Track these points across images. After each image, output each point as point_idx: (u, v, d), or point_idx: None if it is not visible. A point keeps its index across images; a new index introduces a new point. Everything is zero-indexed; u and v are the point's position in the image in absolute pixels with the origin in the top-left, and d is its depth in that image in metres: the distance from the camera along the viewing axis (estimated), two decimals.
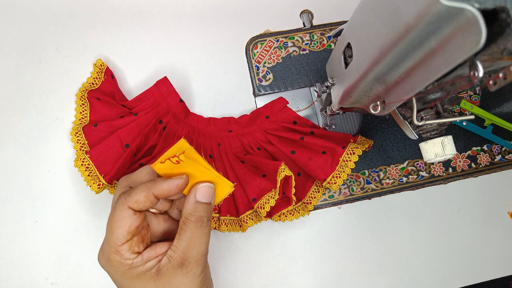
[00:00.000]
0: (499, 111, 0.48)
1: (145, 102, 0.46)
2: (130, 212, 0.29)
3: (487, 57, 0.19)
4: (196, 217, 0.30)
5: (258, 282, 0.44)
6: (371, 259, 0.45)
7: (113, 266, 0.30)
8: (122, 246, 0.29)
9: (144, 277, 0.30)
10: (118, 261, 0.30)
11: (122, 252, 0.29)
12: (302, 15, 0.50)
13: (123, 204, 0.29)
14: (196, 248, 0.30)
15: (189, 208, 0.30)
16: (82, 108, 0.45)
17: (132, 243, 0.30)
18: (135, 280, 0.30)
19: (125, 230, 0.29)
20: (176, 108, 0.46)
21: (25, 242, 0.44)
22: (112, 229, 0.30)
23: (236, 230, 0.43)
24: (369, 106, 0.30)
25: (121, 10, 0.51)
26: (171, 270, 0.30)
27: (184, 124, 0.46)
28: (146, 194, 0.29)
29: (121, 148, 0.42)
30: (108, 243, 0.30)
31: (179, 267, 0.30)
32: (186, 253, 0.30)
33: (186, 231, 0.30)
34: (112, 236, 0.29)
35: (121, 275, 0.30)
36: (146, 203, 0.29)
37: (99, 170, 0.41)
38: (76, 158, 0.41)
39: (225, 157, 0.45)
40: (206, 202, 0.31)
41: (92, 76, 0.47)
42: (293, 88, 0.48)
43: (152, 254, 0.30)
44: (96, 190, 0.40)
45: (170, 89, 0.46)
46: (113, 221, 0.30)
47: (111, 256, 0.30)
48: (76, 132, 0.44)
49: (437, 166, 0.47)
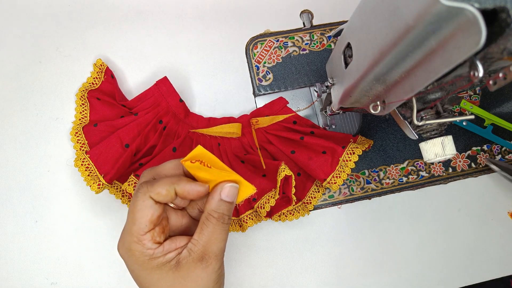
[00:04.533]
0: (499, 111, 0.48)
1: (145, 102, 0.46)
2: (152, 202, 0.30)
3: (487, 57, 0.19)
4: (218, 214, 0.31)
5: (258, 282, 0.44)
6: (371, 259, 0.45)
7: (134, 256, 0.30)
8: (144, 236, 0.30)
9: (163, 268, 0.30)
10: (140, 250, 0.30)
11: (144, 241, 0.30)
12: (302, 15, 0.50)
13: (144, 193, 0.30)
14: (216, 244, 0.31)
15: (213, 204, 0.31)
16: (82, 108, 0.45)
17: (154, 233, 0.30)
18: (154, 271, 0.30)
19: (147, 220, 0.30)
20: (176, 108, 0.46)
21: (25, 242, 0.44)
22: (134, 219, 0.30)
23: (236, 230, 0.43)
24: (369, 106, 0.30)
25: (121, 10, 0.51)
26: (191, 263, 0.30)
27: (184, 124, 0.46)
28: (169, 188, 0.30)
29: (121, 148, 0.42)
30: (130, 232, 0.30)
31: (199, 261, 0.30)
32: (207, 248, 0.30)
33: (209, 226, 0.31)
34: (135, 225, 0.30)
35: (141, 265, 0.30)
36: (167, 197, 0.30)
37: (99, 170, 0.41)
38: (76, 158, 0.42)
39: (225, 157, 0.45)
40: (230, 201, 0.31)
41: (92, 76, 0.47)
42: (293, 88, 0.48)
43: (172, 246, 0.31)
44: (96, 190, 0.40)
45: (170, 89, 0.46)
46: (135, 211, 0.30)
47: (132, 246, 0.30)
48: (76, 132, 0.44)
49: (437, 166, 0.47)
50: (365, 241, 0.46)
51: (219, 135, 0.45)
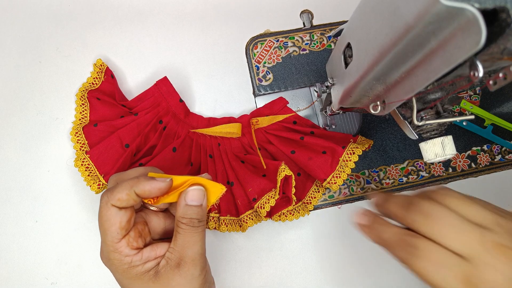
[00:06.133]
0: (499, 111, 0.48)
1: (145, 102, 0.46)
2: (116, 209, 0.30)
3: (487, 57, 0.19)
4: (187, 220, 0.31)
5: (258, 282, 0.44)
6: (371, 259, 0.45)
7: (113, 265, 0.30)
8: (119, 243, 0.30)
9: (143, 278, 0.30)
10: (118, 259, 0.30)
11: (120, 249, 0.30)
12: (302, 15, 0.50)
13: (106, 203, 0.30)
14: (191, 248, 0.30)
15: (180, 211, 0.31)
16: (82, 108, 0.45)
17: (129, 238, 0.30)
18: (135, 281, 0.30)
19: (117, 227, 0.29)
20: (176, 108, 0.46)
21: (25, 242, 0.44)
22: (104, 230, 0.30)
23: (236, 230, 0.43)
24: (369, 106, 0.30)
25: (121, 10, 0.51)
26: (169, 271, 0.30)
27: (184, 124, 0.46)
28: (128, 192, 0.29)
29: (121, 148, 0.42)
30: (105, 243, 0.30)
31: (176, 268, 0.30)
32: (182, 253, 0.30)
33: (180, 232, 0.31)
34: (107, 236, 0.30)
35: (122, 274, 0.30)
36: (129, 201, 0.30)
37: (99, 170, 0.41)
38: (76, 158, 0.41)
39: (225, 157, 0.45)
40: (196, 205, 0.31)
41: (92, 76, 0.47)
42: (293, 88, 0.48)
43: (152, 254, 0.31)
44: (96, 190, 0.40)
45: (170, 89, 0.46)
46: (102, 222, 0.30)
47: (110, 255, 0.30)
48: (76, 132, 0.44)
49: (437, 166, 0.47)
50: (365, 241, 0.45)
51: (219, 135, 0.45)
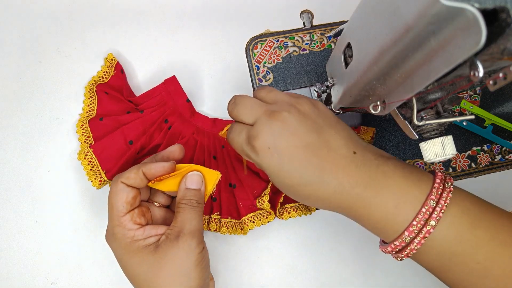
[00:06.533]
0: (499, 111, 0.48)
1: (151, 100, 0.46)
2: (124, 186, 0.34)
3: (487, 57, 0.19)
4: (186, 200, 0.34)
5: (258, 282, 0.44)
6: (371, 259, 0.45)
7: (117, 239, 0.33)
8: (124, 217, 0.33)
9: (144, 251, 0.32)
10: (121, 233, 0.33)
11: (124, 223, 0.33)
12: (302, 15, 0.50)
13: (116, 180, 0.34)
14: (189, 223, 0.33)
15: (180, 194, 0.35)
16: (90, 101, 0.45)
17: (134, 214, 0.34)
18: (135, 254, 0.32)
19: (123, 201, 0.33)
20: (182, 108, 0.46)
21: (25, 242, 0.44)
22: (112, 204, 0.33)
23: (237, 233, 0.42)
24: (369, 106, 0.30)
25: (121, 10, 0.51)
26: (168, 244, 0.32)
27: (189, 124, 0.46)
28: (136, 171, 0.34)
29: (125, 144, 0.42)
30: (111, 218, 0.34)
31: (175, 240, 0.33)
32: (181, 228, 0.33)
33: (180, 212, 0.34)
34: (113, 210, 0.33)
35: (124, 248, 0.33)
36: (137, 179, 0.34)
37: (101, 165, 0.41)
38: (80, 151, 0.42)
39: (228, 159, 0.45)
40: (195, 188, 0.35)
41: (102, 70, 0.47)
42: (293, 88, 0.48)
43: (153, 231, 0.34)
44: (97, 185, 0.40)
45: (177, 88, 0.46)
46: (111, 197, 0.34)
47: (114, 230, 0.33)
48: (82, 124, 0.44)
49: (437, 166, 0.47)
50: (365, 241, 0.46)
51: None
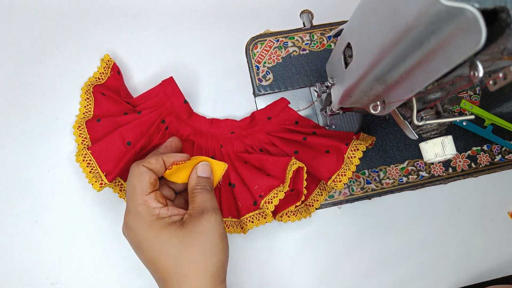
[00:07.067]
0: (499, 111, 0.48)
1: (149, 101, 0.46)
2: (146, 169, 0.35)
3: (487, 57, 0.19)
4: (200, 186, 0.36)
5: (258, 282, 0.44)
6: (371, 259, 0.45)
7: (142, 218, 0.33)
8: (148, 196, 0.34)
9: (171, 227, 0.33)
10: (147, 211, 0.33)
11: (149, 201, 0.34)
12: (302, 15, 0.50)
13: (138, 164, 0.36)
14: (209, 202, 0.35)
15: (193, 182, 0.37)
16: (86, 102, 0.45)
17: (157, 194, 0.35)
18: (162, 231, 0.33)
19: (147, 181, 0.34)
20: (180, 109, 0.46)
21: (25, 242, 0.44)
22: (134, 185, 0.34)
23: (237, 232, 0.43)
24: (369, 106, 0.30)
25: (121, 10, 0.51)
26: (194, 219, 0.33)
27: (186, 125, 0.46)
28: (157, 158, 0.36)
29: (123, 145, 0.42)
30: (135, 197, 0.34)
31: (200, 215, 0.34)
32: (203, 206, 0.35)
33: (197, 195, 0.36)
34: (137, 189, 0.34)
35: (149, 225, 0.33)
36: (157, 165, 0.36)
37: (100, 167, 0.41)
38: (77, 153, 0.41)
39: (227, 158, 0.45)
40: (206, 176, 0.37)
41: (98, 71, 0.47)
42: (293, 88, 0.48)
43: (175, 211, 0.35)
44: (98, 188, 0.40)
45: (175, 89, 0.46)
46: (133, 179, 0.35)
47: (139, 208, 0.34)
48: (79, 126, 0.44)
49: (437, 166, 0.47)
50: (365, 241, 0.46)
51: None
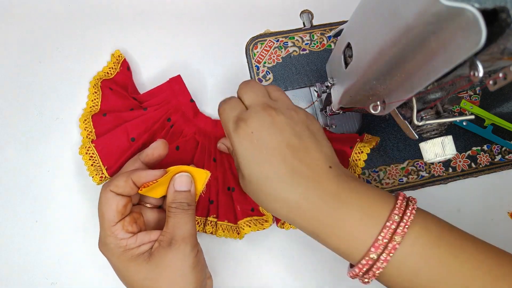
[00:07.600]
0: (499, 111, 0.48)
1: (156, 98, 0.46)
2: (113, 194, 0.32)
3: (487, 57, 0.19)
4: (176, 204, 0.33)
5: (258, 282, 0.44)
6: None
7: (110, 249, 0.32)
8: (115, 226, 0.32)
9: (138, 260, 0.32)
10: (114, 243, 0.32)
11: (116, 232, 0.32)
12: (302, 15, 0.50)
13: (105, 189, 0.33)
14: (181, 228, 0.32)
15: (169, 197, 0.34)
16: (94, 96, 0.45)
17: (125, 222, 0.33)
18: (130, 263, 0.32)
19: (113, 210, 0.32)
20: (186, 107, 0.46)
21: (25, 242, 0.44)
22: (102, 214, 0.32)
23: (234, 236, 0.42)
24: (369, 106, 0.30)
25: (121, 10, 0.51)
26: (161, 251, 0.32)
27: (191, 124, 0.46)
28: (126, 179, 0.33)
29: (127, 141, 0.42)
30: (103, 227, 0.33)
31: (168, 246, 0.32)
32: (173, 234, 0.32)
33: (171, 216, 0.33)
34: (104, 220, 0.32)
35: (118, 258, 0.32)
36: (126, 188, 0.33)
37: (103, 161, 0.41)
38: (81, 146, 0.42)
39: (227, 162, 0.44)
40: (184, 190, 0.34)
41: (108, 66, 0.47)
42: (293, 88, 0.48)
43: (146, 238, 0.33)
44: (98, 181, 0.40)
45: (182, 87, 0.46)
46: (100, 207, 0.33)
47: (106, 240, 0.32)
48: (85, 119, 0.44)
49: (437, 166, 0.47)
50: None
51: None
